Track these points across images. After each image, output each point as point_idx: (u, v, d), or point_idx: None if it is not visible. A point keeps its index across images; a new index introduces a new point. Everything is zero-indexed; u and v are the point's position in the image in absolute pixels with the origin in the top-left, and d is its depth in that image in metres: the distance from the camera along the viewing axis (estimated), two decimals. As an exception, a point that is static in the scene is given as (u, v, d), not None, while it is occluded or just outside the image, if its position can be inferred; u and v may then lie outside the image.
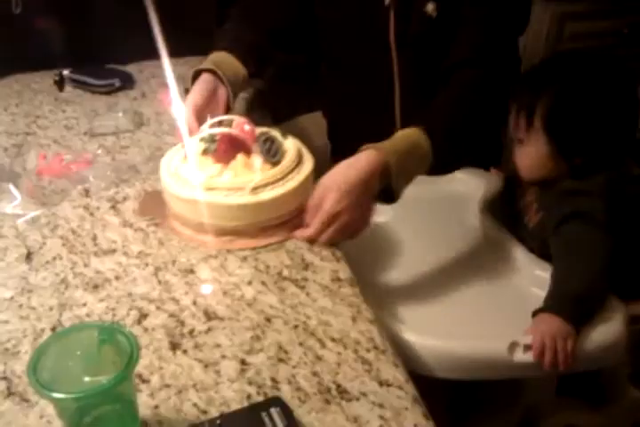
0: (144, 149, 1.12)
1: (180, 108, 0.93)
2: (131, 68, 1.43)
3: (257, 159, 0.89)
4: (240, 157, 0.89)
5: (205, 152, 0.90)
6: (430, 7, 1.00)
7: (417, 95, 1.06)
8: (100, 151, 1.10)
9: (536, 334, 0.83)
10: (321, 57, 1.23)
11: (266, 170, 0.88)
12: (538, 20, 1.71)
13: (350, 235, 0.85)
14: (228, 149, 0.89)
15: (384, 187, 0.85)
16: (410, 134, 0.88)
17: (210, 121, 0.92)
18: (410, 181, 0.87)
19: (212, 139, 0.90)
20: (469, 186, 1.15)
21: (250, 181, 0.86)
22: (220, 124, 0.92)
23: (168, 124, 1.20)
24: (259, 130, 0.93)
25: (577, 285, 0.86)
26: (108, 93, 1.34)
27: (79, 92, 1.35)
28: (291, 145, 0.94)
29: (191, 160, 0.90)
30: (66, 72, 1.37)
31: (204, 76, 1.01)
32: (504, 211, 1.06)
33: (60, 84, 1.36)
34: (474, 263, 1.00)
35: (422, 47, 1.05)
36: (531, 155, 0.97)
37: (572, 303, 0.85)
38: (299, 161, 0.92)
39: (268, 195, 0.86)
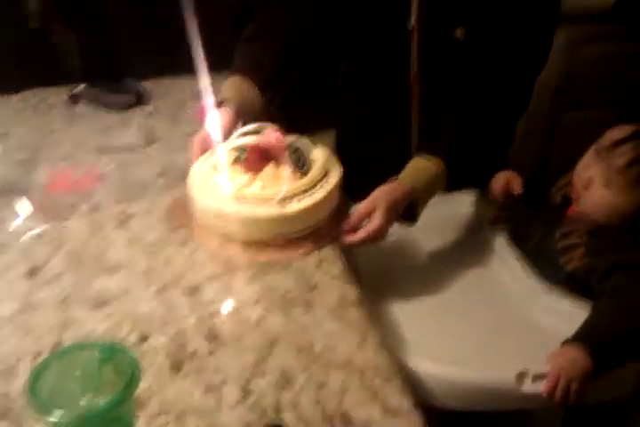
0: (155, 165, 1.12)
1: (214, 119, 0.93)
2: (146, 84, 1.43)
3: (286, 170, 0.88)
4: (269, 166, 0.89)
5: (236, 161, 0.90)
6: (459, 32, 1.00)
7: (436, 120, 1.05)
8: (110, 167, 1.10)
9: (555, 366, 0.80)
10: (337, 76, 1.22)
11: (294, 180, 0.88)
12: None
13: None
14: (257, 158, 0.89)
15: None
16: (430, 167, 0.97)
17: (240, 130, 0.92)
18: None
19: (243, 148, 0.90)
20: (474, 208, 1.14)
21: (277, 193, 0.85)
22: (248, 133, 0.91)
23: (180, 140, 1.20)
24: (288, 138, 0.92)
25: (614, 326, 0.83)
26: (122, 109, 1.34)
27: (93, 107, 1.36)
28: (319, 154, 0.93)
29: (222, 169, 0.89)
30: (81, 87, 1.38)
31: (225, 110, 1.00)
32: (524, 242, 1.03)
33: (75, 99, 1.37)
34: (479, 287, 0.98)
35: (445, 70, 1.05)
36: (611, 201, 0.93)
37: (602, 341, 0.82)
38: (326, 171, 0.92)
39: (295, 206, 0.86)
